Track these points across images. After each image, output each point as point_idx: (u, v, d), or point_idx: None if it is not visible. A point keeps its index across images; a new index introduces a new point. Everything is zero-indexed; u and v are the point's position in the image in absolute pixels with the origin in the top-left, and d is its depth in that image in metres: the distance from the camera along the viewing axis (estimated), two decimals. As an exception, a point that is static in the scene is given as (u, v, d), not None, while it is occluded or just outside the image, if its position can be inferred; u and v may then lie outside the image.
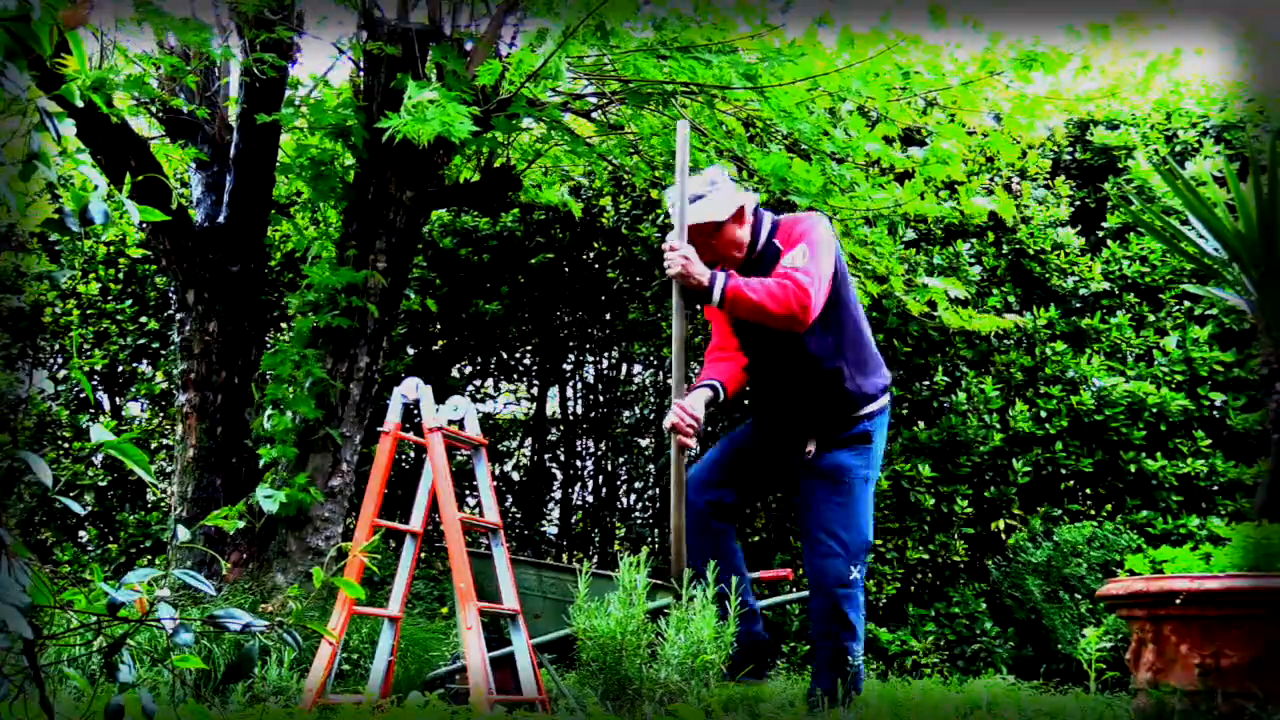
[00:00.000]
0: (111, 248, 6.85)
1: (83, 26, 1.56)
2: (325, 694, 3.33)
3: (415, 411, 3.63)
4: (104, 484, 6.61)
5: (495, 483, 3.81)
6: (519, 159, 5.69)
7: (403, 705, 3.15)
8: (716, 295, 3.30)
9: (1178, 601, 2.60)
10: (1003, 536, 5.61)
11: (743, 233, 3.52)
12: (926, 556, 5.58)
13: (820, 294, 3.31)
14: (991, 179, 5.89)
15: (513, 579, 3.57)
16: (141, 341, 6.77)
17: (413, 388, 3.61)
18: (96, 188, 1.63)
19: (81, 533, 6.57)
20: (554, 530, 6.73)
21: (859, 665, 3.43)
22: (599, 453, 6.74)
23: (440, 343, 6.70)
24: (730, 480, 3.63)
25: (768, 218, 3.57)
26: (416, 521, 3.69)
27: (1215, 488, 5.42)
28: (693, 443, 3.41)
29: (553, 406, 6.87)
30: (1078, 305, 5.80)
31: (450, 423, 3.65)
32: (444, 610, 5.23)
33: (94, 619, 1.61)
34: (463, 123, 3.89)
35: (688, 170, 3.44)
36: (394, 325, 5.28)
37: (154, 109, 5.42)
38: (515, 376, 7.02)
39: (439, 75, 4.64)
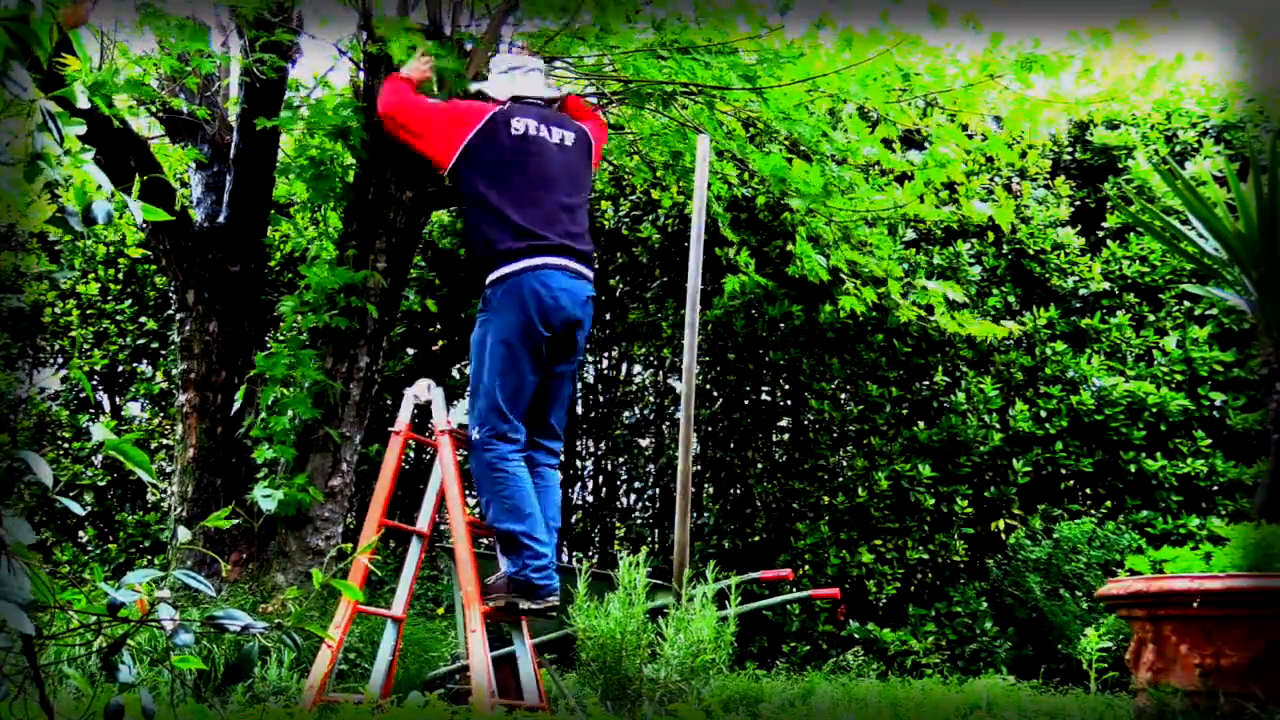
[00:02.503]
0: (111, 248, 6.84)
1: (83, 26, 1.56)
2: (326, 693, 3.33)
3: (415, 413, 3.64)
4: (104, 484, 6.60)
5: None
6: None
7: (403, 705, 3.15)
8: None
9: (1195, 605, 2.60)
10: (1003, 536, 5.61)
11: None
12: (926, 556, 5.58)
13: (427, 116, 3.62)
14: (991, 179, 5.89)
15: None
16: (141, 341, 6.77)
17: (425, 389, 3.62)
18: (100, 187, 1.63)
19: (81, 533, 6.57)
20: (554, 530, 6.72)
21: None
22: (599, 453, 6.74)
23: (440, 343, 6.70)
24: None
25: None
26: (423, 523, 3.69)
27: (1215, 488, 5.42)
28: None
29: (553, 407, 6.86)
30: (1078, 305, 5.80)
31: (461, 425, 3.65)
32: (440, 610, 5.22)
33: (94, 619, 1.61)
34: None
35: (706, 189, 3.45)
36: (394, 325, 5.27)
37: (154, 109, 5.42)
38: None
39: (438, 76, 4.63)
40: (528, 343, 3.43)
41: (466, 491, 4.06)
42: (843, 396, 5.95)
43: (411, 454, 6.51)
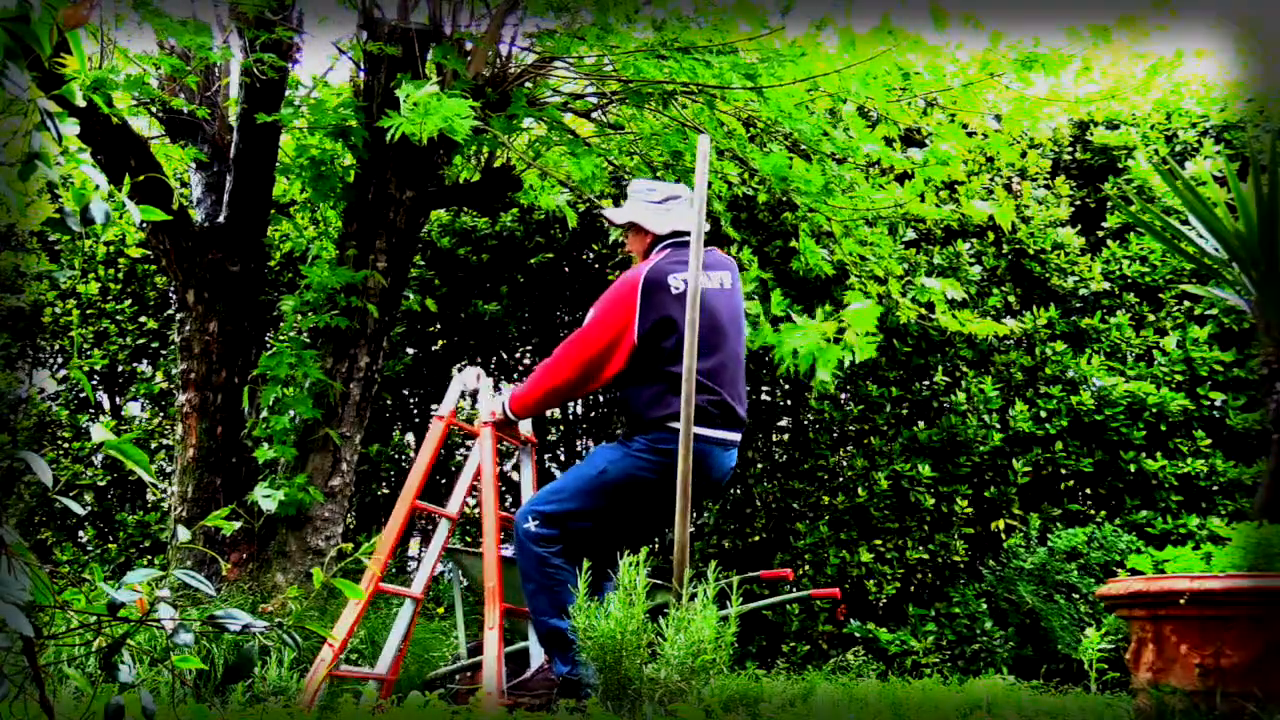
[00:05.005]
0: (111, 248, 6.84)
1: (82, 27, 1.56)
2: (337, 668, 3.34)
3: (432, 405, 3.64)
4: (104, 484, 6.60)
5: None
6: (518, 161, 5.70)
7: (403, 705, 3.15)
8: (500, 413, 3.54)
9: (1181, 602, 2.60)
10: (1002, 537, 5.61)
11: (637, 245, 3.61)
12: (926, 556, 5.58)
13: (590, 344, 3.41)
14: (991, 179, 5.89)
15: None
16: (141, 341, 6.77)
17: (474, 378, 3.61)
18: (97, 187, 1.63)
19: (81, 533, 6.57)
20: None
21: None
22: (599, 453, 6.73)
23: (440, 343, 6.70)
24: None
25: (655, 254, 3.51)
26: (453, 506, 3.69)
27: (1215, 488, 5.42)
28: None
29: (553, 406, 6.87)
30: (1078, 305, 5.80)
31: None
32: (440, 610, 5.22)
33: (94, 619, 1.61)
34: (464, 117, 3.87)
35: (706, 189, 3.44)
36: (394, 325, 5.27)
37: (154, 109, 5.41)
38: (515, 376, 7.02)
39: (439, 75, 4.63)
40: (648, 501, 3.36)
41: (501, 488, 4.02)
42: (843, 396, 5.95)
43: (411, 450, 6.51)
